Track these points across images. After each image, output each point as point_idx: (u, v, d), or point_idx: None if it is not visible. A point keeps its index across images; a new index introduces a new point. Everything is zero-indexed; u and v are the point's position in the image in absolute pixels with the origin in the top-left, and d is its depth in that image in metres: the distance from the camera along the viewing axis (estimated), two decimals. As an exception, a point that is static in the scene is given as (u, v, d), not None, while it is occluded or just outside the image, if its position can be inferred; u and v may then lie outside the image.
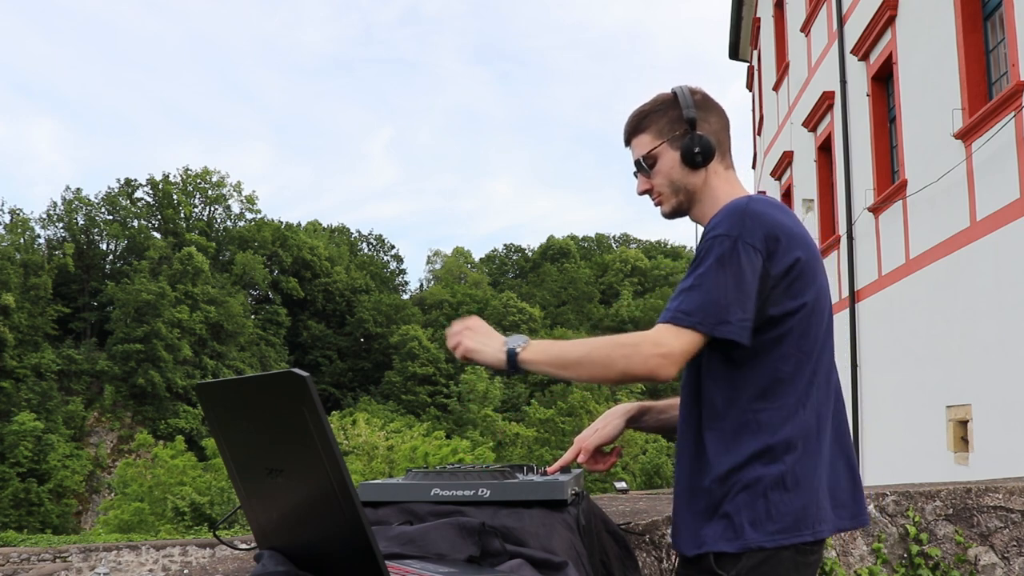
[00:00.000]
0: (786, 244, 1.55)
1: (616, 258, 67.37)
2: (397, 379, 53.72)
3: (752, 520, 1.53)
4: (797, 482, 1.54)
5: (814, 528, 1.55)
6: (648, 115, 1.74)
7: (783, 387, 1.56)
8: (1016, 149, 6.99)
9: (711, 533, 1.56)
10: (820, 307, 1.60)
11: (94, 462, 43.79)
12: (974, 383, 7.80)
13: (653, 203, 1.77)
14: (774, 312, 1.55)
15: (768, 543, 1.52)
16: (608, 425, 1.82)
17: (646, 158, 1.73)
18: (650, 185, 1.75)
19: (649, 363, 1.51)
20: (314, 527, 1.12)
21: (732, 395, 1.57)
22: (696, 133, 1.69)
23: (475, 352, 1.60)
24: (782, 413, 1.55)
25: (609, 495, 3.85)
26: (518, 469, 1.79)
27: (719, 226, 1.56)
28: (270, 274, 57.14)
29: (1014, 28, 7.05)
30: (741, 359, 1.56)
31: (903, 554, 3.61)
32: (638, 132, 1.75)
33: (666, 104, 1.74)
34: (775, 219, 1.57)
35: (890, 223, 10.04)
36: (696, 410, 1.63)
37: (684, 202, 1.74)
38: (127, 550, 14.49)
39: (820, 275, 1.62)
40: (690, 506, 1.62)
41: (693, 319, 1.51)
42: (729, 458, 1.55)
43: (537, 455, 29.38)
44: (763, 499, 1.53)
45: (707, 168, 1.71)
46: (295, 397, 0.99)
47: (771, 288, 1.54)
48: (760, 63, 18.05)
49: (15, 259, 46.46)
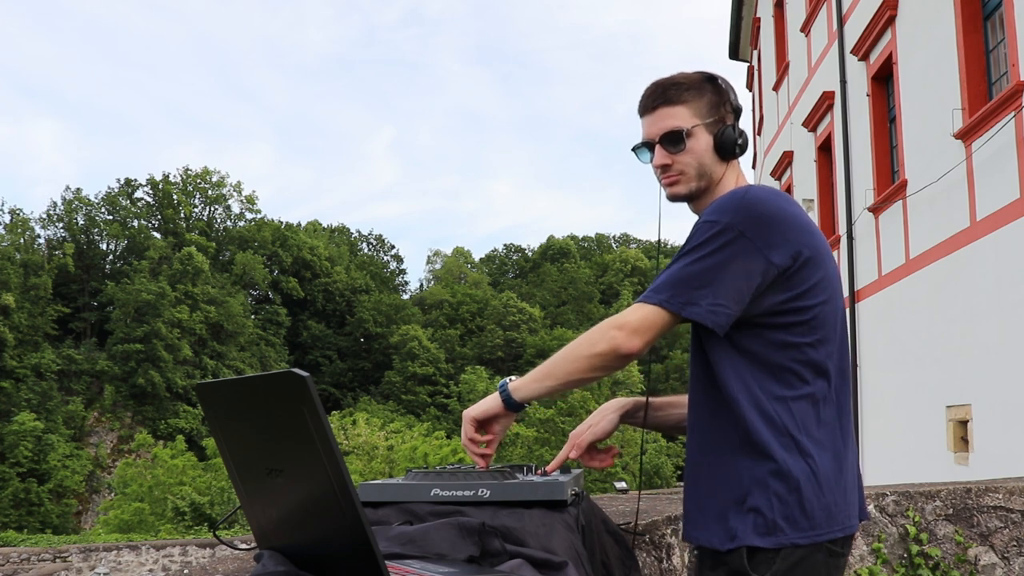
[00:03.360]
0: (787, 232, 1.52)
1: (616, 258, 67.36)
2: (397, 379, 53.72)
3: (786, 516, 1.49)
4: (827, 476, 1.51)
5: (844, 524, 1.53)
6: (687, 89, 1.67)
7: (802, 378, 1.53)
8: (1016, 149, 6.99)
9: (742, 527, 1.51)
10: (831, 296, 1.57)
11: (94, 462, 43.80)
12: (974, 383, 7.80)
13: (665, 181, 1.69)
14: (780, 301, 1.52)
15: (803, 540, 1.49)
16: (602, 420, 1.79)
17: (686, 132, 1.64)
18: (671, 160, 1.66)
19: (607, 337, 1.52)
20: (314, 527, 1.12)
21: (746, 387, 1.54)
22: (738, 125, 1.68)
23: (476, 409, 1.66)
24: (802, 404, 1.52)
25: (609, 495, 3.85)
26: (518, 469, 1.79)
27: (711, 213, 1.54)
28: (270, 274, 57.15)
29: (1014, 28, 7.05)
30: (754, 349, 1.53)
31: (903, 554, 3.61)
32: (672, 103, 1.66)
33: (701, 85, 1.68)
34: (774, 207, 1.53)
35: (890, 223, 10.04)
36: (710, 402, 1.59)
37: (702, 188, 1.68)
38: (127, 550, 14.49)
39: (828, 264, 1.58)
40: (712, 498, 1.57)
41: (660, 296, 1.51)
42: (753, 451, 1.52)
43: (537, 455, 29.36)
44: (796, 494, 1.49)
45: (731, 162, 1.69)
46: (295, 397, 0.99)
47: (775, 277, 1.51)
48: (760, 63, 18.06)
49: (15, 259, 46.47)
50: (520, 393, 1.62)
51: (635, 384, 43.41)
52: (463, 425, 1.67)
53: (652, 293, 1.53)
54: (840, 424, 1.57)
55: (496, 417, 1.66)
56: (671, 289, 1.51)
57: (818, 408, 1.53)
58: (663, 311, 1.51)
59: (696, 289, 1.49)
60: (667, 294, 1.51)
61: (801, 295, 1.53)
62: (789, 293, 1.52)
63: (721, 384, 1.56)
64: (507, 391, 1.63)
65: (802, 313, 1.53)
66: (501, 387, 1.64)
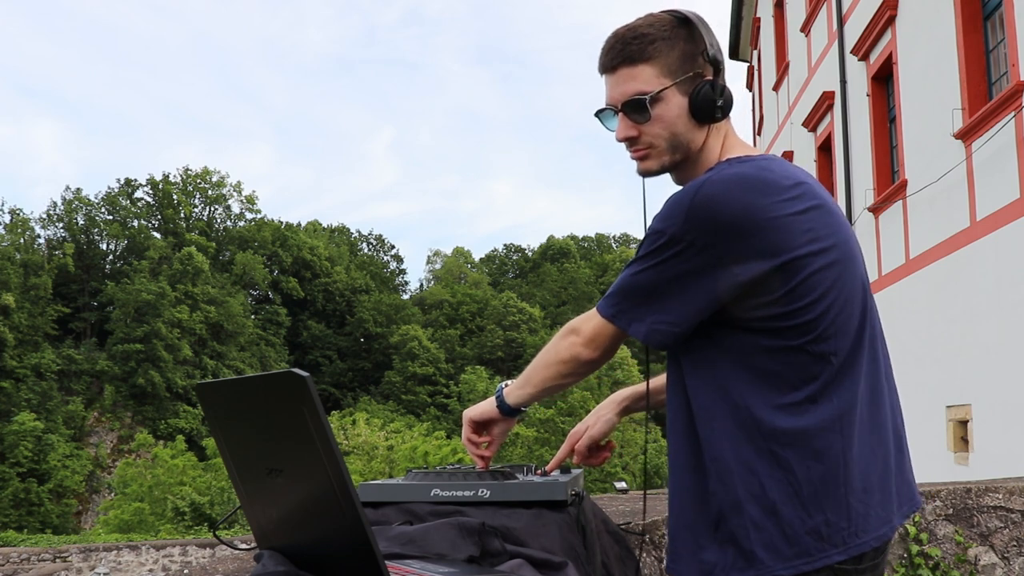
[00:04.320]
0: (755, 237, 1.25)
1: (616, 258, 67.34)
2: (397, 379, 53.72)
3: (765, 544, 1.28)
4: (814, 492, 1.28)
5: (847, 543, 1.28)
6: (653, 41, 1.37)
7: (798, 381, 1.30)
8: (1016, 149, 6.99)
9: (718, 561, 1.33)
10: (837, 280, 1.32)
11: (94, 462, 43.79)
12: (974, 383, 7.80)
13: (633, 155, 1.43)
14: (770, 305, 1.29)
15: (786, 572, 1.27)
16: (600, 420, 1.74)
17: (651, 99, 1.36)
18: (637, 132, 1.40)
19: (567, 344, 1.44)
20: (314, 527, 1.12)
21: (727, 394, 1.33)
22: (718, 81, 1.38)
23: (474, 411, 1.64)
24: (795, 411, 1.30)
25: (609, 495, 3.85)
26: (518, 469, 1.79)
27: (659, 219, 1.32)
28: (270, 274, 57.14)
29: (1014, 28, 7.05)
30: (739, 352, 1.32)
31: (903, 554, 3.61)
32: (636, 61, 1.37)
33: (673, 32, 1.38)
34: (736, 207, 1.25)
35: (890, 223, 10.04)
36: (684, 413, 1.39)
37: (677, 162, 1.42)
38: (127, 550, 14.49)
39: (835, 236, 1.32)
40: (686, 525, 1.38)
41: (611, 310, 1.38)
42: (727, 468, 1.31)
43: (537, 455, 29.39)
44: (774, 517, 1.28)
45: (713, 124, 1.41)
46: (295, 397, 0.99)
47: (748, 287, 1.27)
48: (760, 63, 18.06)
49: (15, 259, 46.47)
50: (510, 398, 1.59)
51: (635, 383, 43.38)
52: (463, 426, 1.67)
53: (604, 302, 1.40)
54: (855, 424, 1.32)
55: (493, 420, 1.64)
56: (619, 302, 1.37)
57: (816, 412, 1.29)
58: (612, 325, 1.39)
59: (640, 305, 1.34)
60: (615, 308, 1.38)
61: (793, 296, 1.28)
62: (776, 295, 1.28)
63: (694, 394, 1.37)
64: (502, 395, 1.61)
65: (798, 315, 1.29)
66: (497, 391, 1.62)
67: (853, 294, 1.35)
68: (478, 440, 1.65)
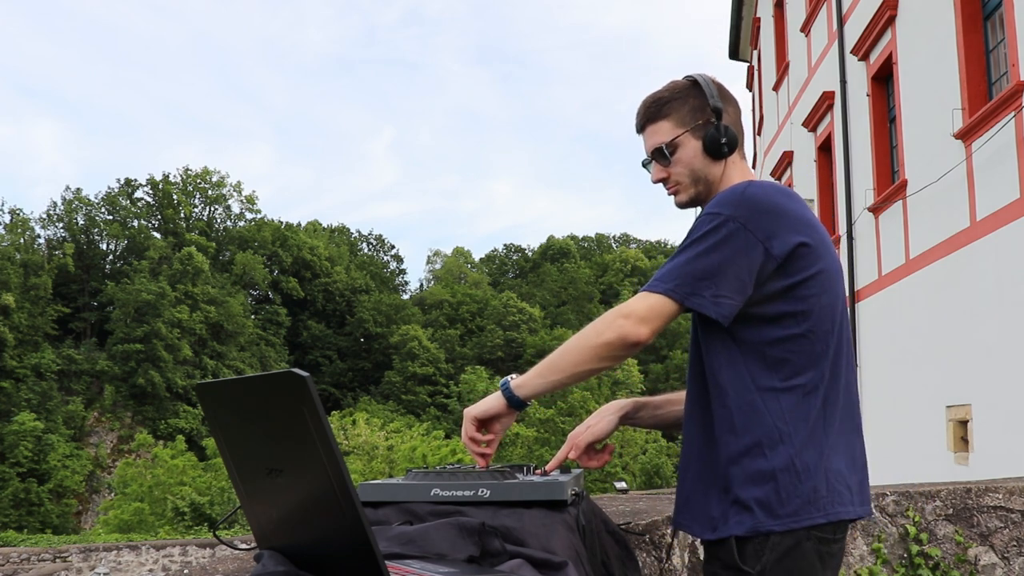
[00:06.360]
0: (785, 224, 1.55)
1: (616, 258, 67.38)
2: (397, 379, 53.73)
3: (762, 503, 1.53)
4: (806, 465, 1.53)
5: (827, 510, 1.54)
6: (668, 102, 1.72)
7: (795, 369, 1.56)
8: (1016, 149, 6.99)
9: (722, 517, 1.57)
10: (829, 288, 1.59)
11: (94, 462, 43.80)
12: (974, 383, 7.79)
13: (668, 192, 1.76)
14: (776, 293, 1.55)
15: (778, 527, 1.52)
16: (601, 421, 1.80)
17: (668, 146, 1.71)
18: (667, 174, 1.74)
19: (614, 326, 1.54)
20: (314, 527, 1.12)
21: (737, 376, 1.57)
22: (722, 123, 1.69)
23: (477, 408, 1.67)
24: (789, 396, 1.55)
25: (609, 495, 3.85)
26: (518, 469, 1.79)
27: (713, 206, 1.58)
28: (270, 274, 57.15)
29: (1014, 28, 7.05)
30: (750, 338, 1.57)
31: (903, 554, 3.61)
32: (656, 119, 1.73)
33: (686, 92, 1.72)
34: (773, 201, 1.57)
35: (890, 223, 10.04)
36: (702, 390, 1.63)
37: (703, 192, 1.73)
38: (127, 550, 14.50)
39: (828, 258, 1.60)
40: (699, 486, 1.63)
41: (666, 285, 1.55)
42: (736, 440, 1.56)
43: (537, 455, 29.36)
44: (773, 482, 1.53)
45: (726, 158, 1.71)
46: (295, 397, 0.99)
47: (773, 269, 1.54)
48: (760, 63, 18.06)
49: (15, 259, 46.47)
50: (523, 390, 1.62)
51: (635, 384, 43.43)
52: (464, 424, 1.68)
53: (656, 282, 1.56)
54: (836, 415, 1.59)
55: (498, 416, 1.67)
56: (675, 279, 1.54)
57: (809, 399, 1.55)
58: (668, 300, 1.54)
59: (699, 280, 1.53)
60: (672, 284, 1.54)
61: (798, 285, 1.55)
62: (787, 281, 1.55)
63: (711, 373, 1.61)
64: (509, 389, 1.64)
65: (799, 303, 1.56)
66: (503, 385, 1.65)
67: (837, 297, 1.63)
68: (481, 438, 1.67)
